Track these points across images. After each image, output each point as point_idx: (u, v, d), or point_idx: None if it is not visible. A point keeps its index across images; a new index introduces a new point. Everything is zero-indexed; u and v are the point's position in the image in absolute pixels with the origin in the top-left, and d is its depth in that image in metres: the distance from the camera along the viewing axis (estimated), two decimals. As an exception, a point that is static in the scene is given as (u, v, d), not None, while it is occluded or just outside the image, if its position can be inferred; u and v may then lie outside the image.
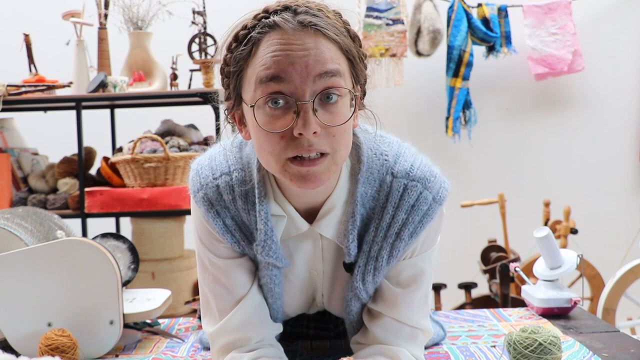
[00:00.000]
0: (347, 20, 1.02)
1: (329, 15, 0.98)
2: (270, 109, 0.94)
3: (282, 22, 0.94)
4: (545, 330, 1.13)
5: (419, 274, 1.11)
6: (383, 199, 1.07)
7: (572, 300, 1.53)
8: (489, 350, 1.30)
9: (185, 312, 2.76)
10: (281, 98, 0.93)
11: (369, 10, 3.28)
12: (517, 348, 1.12)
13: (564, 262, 1.57)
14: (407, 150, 1.14)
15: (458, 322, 1.54)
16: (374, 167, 1.07)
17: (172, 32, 2.87)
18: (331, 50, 0.94)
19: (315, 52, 0.92)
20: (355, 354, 1.13)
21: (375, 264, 1.07)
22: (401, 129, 3.85)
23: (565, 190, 3.47)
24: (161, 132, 2.71)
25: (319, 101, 0.93)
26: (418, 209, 1.06)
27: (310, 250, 1.11)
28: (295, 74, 0.92)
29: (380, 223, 1.06)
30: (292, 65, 0.92)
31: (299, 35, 0.93)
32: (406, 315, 1.10)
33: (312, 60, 0.92)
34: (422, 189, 1.07)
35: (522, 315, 1.58)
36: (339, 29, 0.97)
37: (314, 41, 0.93)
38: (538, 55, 3.32)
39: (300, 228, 1.07)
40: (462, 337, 1.40)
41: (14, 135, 2.94)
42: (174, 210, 2.53)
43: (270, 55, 0.93)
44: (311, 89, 0.92)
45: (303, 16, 0.94)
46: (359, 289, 1.09)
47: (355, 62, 0.99)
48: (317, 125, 0.92)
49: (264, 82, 0.93)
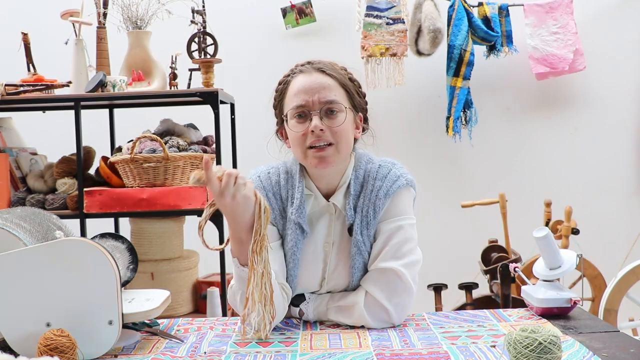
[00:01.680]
0: (351, 72, 1.58)
1: (335, 67, 1.55)
2: (296, 119, 1.51)
3: (304, 69, 1.54)
4: (545, 329, 1.12)
5: (396, 229, 1.52)
6: (367, 177, 1.56)
7: (571, 300, 1.53)
8: (489, 350, 1.29)
9: (184, 312, 2.76)
10: (302, 112, 1.50)
11: (369, 9, 3.27)
12: (517, 348, 1.11)
13: (564, 262, 1.57)
14: (386, 159, 1.60)
15: (458, 322, 1.53)
16: (363, 162, 1.58)
17: (172, 32, 2.86)
18: (332, 84, 1.51)
19: (322, 85, 1.50)
20: None
21: (366, 220, 1.52)
22: (402, 128, 3.90)
23: (566, 190, 3.46)
24: (160, 131, 2.71)
25: (325, 113, 1.49)
26: (389, 179, 1.54)
27: (326, 223, 1.56)
28: (310, 99, 1.49)
29: (366, 192, 1.54)
30: (309, 93, 1.49)
31: (314, 76, 1.51)
32: (385, 264, 1.49)
33: (320, 90, 1.50)
34: (392, 167, 1.57)
35: (522, 316, 1.57)
36: (340, 73, 1.54)
37: (320, 78, 1.51)
38: (539, 54, 3.32)
39: (321, 202, 1.56)
40: (462, 337, 1.39)
41: (13, 134, 2.94)
42: (173, 211, 2.53)
43: (297, 87, 1.52)
44: (318, 107, 1.49)
45: (317, 65, 1.54)
46: (359, 241, 1.51)
47: (351, 93, 1.54)
48: (321, 125, 1.47)
49: (294, 103, 1.51)
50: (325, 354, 1.30)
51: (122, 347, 1.39)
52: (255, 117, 3.15)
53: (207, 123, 2.72)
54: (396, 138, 3.48)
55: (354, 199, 1.54)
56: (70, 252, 1.29)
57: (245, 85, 3.32)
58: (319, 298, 1.55)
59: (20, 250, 1.30)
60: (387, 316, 1.48)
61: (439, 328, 1.48)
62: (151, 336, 1.47)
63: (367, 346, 1.34)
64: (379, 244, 1.52)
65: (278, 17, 3.48)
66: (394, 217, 1.52)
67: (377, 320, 1.48)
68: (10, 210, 1.48)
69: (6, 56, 3.10)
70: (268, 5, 3.50)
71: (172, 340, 1.44)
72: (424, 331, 1.45)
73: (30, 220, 1.44)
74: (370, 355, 1.28)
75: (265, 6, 3.51)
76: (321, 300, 1.54)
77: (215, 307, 2.60)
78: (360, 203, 1.53)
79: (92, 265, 1.29)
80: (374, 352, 1.29)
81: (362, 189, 1.54)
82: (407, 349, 1.32)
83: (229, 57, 2.89)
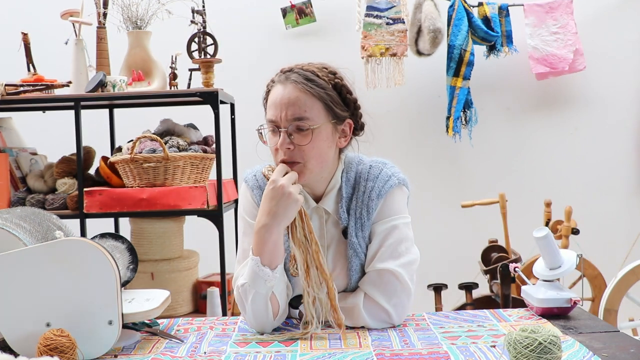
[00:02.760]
0: (341, 77, 1.51)
1: (316, 76, 1.47)
2: (270, 132, 1.50)
3: (281, 79, 1.48)
4: (545, 329, 1.12)
5: (391, 229, 1.52)
6: (359, 178, 1.55)
7: (571, 300, 1.53)
8: (489, 350, 1.29)
9: (184, 312, 2.76)
10: (273, 127, 1.48)
11: (369, 9, 3.27)
12: (517, 347, 1.11)
13: (564, 262, 1.57)
14: (377, 159, 1.59)
15: (458, 322, 1.53)
16: (354, 165, 1.57)
17: (172, 32, 2.86)
18: (303, 99, 1.44)
19: (291, 101, 1.44)
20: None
21: (361, 221, 1.51)
22: (401, 128, 3.90)
23: (566, 190, 3.46)
24: (160, 131, 2.71)
25: (294, 130, 1.44)
26: (380, 179, 1.53)
27: (317, 225, 1.54)
28: (280, 114, 1.45)
29: (358, 194, 1.53)
30: (279, 108, 1.46)
31: (287, 89, 1.45)
32: (382, 265, 1.49)
33: (289, 106, 1.45)
34: (383, 167, 1.55)
35: (522, 316, 1.57)
36: (318, 84, 1.46)
37: (292, 93, 1.45)
38: (539, 54, 3.32)
39: (310, 204, 1.54)
40: (462, 337, 1.39)
41: (13, 134, 2.94)
42: (173, 211, 2.53)
43: (272, 100, 1.48)
44: (286, 124, 1.45)
45: (294, 76, 1.46)
46: (355, 243, 1.51)
47: (330, 105, 1.47)
48: (287, 143, 1.44)
49: (268, 115, 1.49)
50: (325, 354, 1.30)
51: (122, 347, 1.39)
52: (255, 117, 3.14)
53: (207, 123, 2.72)
54: (396, 138, 3.48)
55: (346, 201, 1.53)
56: (70, 252, 1.29)
57: (245, 85, 3.31)
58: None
59: (20, 250, 1.30)
60: (387, 317, 1.48)
61: (439, 328, 1.48)
62: (151, 336, 1.47)
63: (367, 346, 1.34)
64: (375, 244, 1.51)
65: (278, 17, 3.48)
66: (388, 217, 1.52)
67: (377, 321, 1.48)
68: (10, 210, 1.48)
69: (6, 56, 3.10)
70: (268, 5, 3.50)
71: (172, 340, 1.44)
72: (424, 331, 1.45)
73: (30, 220, 1.44)
74: (370, 355, 1.28)
75: (265, 6, 3.50)
76: None
77: (215, 307, 2.60)
78: (353, 205, 1.53)
79: (92, 265, 1.29)
80: (374, 352, 1.29)
81: (354, 190, 1.54)
82: (407, 349, 1.32)
83: (229, 57, 2.89)
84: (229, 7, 3.48)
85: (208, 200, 2.52)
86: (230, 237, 2.95)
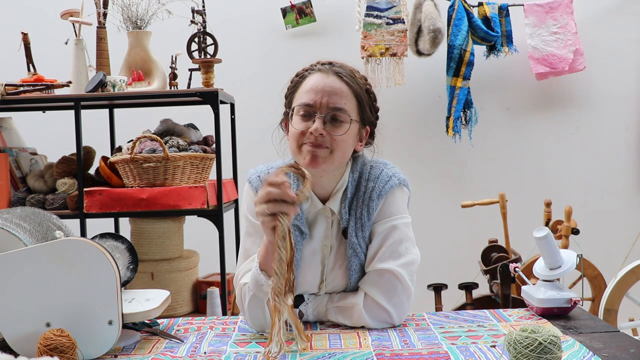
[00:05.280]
0: (370, 83, 1.56)
1: (355, 75, 1.52)
2: (301, 116, 1.48)
3: (323, 68, 1.51)
4: (545, 329, 1.12)
5: (391, 229, 1.53)
6: (360, 179, 1.56)
7: (571, 300, 1.53)
8: (489, 350, 1.29)
9: (184, 312, 2.76)
10: (308, 111, 1.47)
11: (369, 9, 3.27)
12: (517, 348, 1.11)
13: (564, 262, 1.57)
14: (378, 159, 1.62)
15: (458, 322, 1.53)
16: (358, 165, 1.59)
17: (172, 31, 2.87)
18: (345, 92, 1.48)
19: (334, 90, 1.47)
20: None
21: (361, 221, 1.52)
22: (402, 128, 3.90)
23: (567, 190, 3.46)
24: (160, 131, 2.71)
25: (330, 119, 1.46)
26: (381, 179, 1.54)
27: (324, 226, 1.55)
28: (319, 100, 1.46)
29: (359, 194, 1.55)
30: (319, 94, 1.47)
31: (330, 78, 1.48)
32: (382, 265, 1.49)
33: (331, 94, 1.47)
34: (383, 167, 1.57)
35: (522, 316, 1.57)
36: (357, 83, 1.51)
37: (336, 83, 1.48)
38: (539, 54, 3.32)
39: (317, 205, 1.55)
40: (462, 337, 1.39)
41: (13, 134, 2.94)
42: (173, 211, 2.53)
43: (310, 85, 1.49)
44: (324, 111, 1.46)
45: (336, 68, 1.50)
46: (354, 243, 1.52)
47: (363, 105, 1.52)
48: (322, 129, 1.45)
49: (303, 100, 1.48)
50: (325, 354, 1.30)
51: (122, 347, 1.39)
52: (255, 117, 3.16)
53: (207, 123, 2.72)
54: (396, 138, 3.48)
55: (348, 201, 1.54)
56: (70, 252, 1.29)
57: (245, 85, 3.33)
58: (317, 299, 1.55)
59: (20, 250, 1.30)
60: (387, 317, 1.48)
61: (439, 328, 1.48)
62: (151, 336, 1.47)
63: (367, 346, 1.34)
64: (375, 245, 1.52)
65: (278, 17, 3.48)
66: (388, 217, 1.53)
67: (378, 321, 1.48)
68: (10, 210, 1.48)
69: (6, 56, 3.10)
70: (268, 5, 3.49)
71: (172, 340, 1.44)
72: (424, 331, 1.45)
73: (30, 220, 1.44)
74: (370, 355, 1.28)
75: (265, 6, 3.50)
76: (320, 301, 1.54)
77: (215, 307, 2.60)
78: (354, 205, 1.54)
79: (92, 265, 1.29)
80: (374, 352, 1.29)
81: (356, 191, 1.55)
82: (407, 349, 1.32)
83: (229, 57, 2.89)
84: (229, 7, 3.48)
85: (208, 200, 2.52)
86: (230, 237, 2.95)
